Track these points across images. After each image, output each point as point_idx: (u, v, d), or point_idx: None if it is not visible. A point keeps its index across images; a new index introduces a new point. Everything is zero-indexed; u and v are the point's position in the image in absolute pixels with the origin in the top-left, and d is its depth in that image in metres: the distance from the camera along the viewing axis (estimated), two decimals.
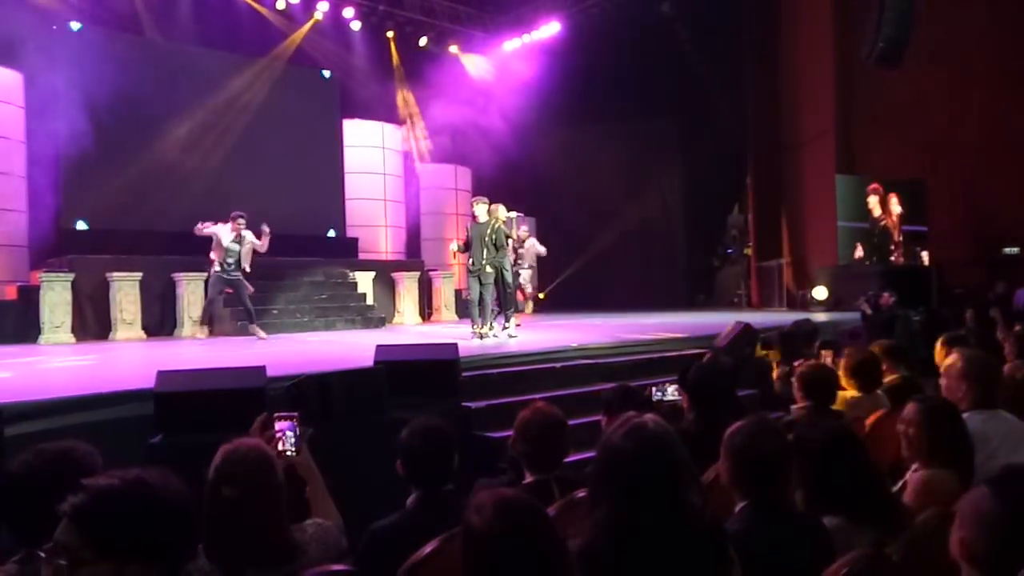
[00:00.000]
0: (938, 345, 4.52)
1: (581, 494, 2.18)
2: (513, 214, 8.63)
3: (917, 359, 5.56)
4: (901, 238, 13.98)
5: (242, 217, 8.96)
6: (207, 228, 8.93)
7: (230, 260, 8.81)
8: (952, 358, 3.03)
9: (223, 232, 8.86)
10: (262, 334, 8.85)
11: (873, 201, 13.70)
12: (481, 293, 8.18)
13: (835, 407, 3.48)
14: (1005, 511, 1.34)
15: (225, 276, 8.81)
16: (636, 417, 1.57)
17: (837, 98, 13.98)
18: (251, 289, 8.99)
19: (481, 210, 8.23)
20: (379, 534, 2.23)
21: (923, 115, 12.82)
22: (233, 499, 1.83)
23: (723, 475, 2.09)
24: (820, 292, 13.28)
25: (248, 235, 8.98)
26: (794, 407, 3.45)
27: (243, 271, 8.90)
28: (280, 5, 13.00)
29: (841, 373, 3.93)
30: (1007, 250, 12.87)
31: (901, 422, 2.52)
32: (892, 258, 13.89)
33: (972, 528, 1.38)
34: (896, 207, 13.80)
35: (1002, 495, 1.36)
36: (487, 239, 8.14)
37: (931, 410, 2.48)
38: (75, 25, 10.91)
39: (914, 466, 2.48)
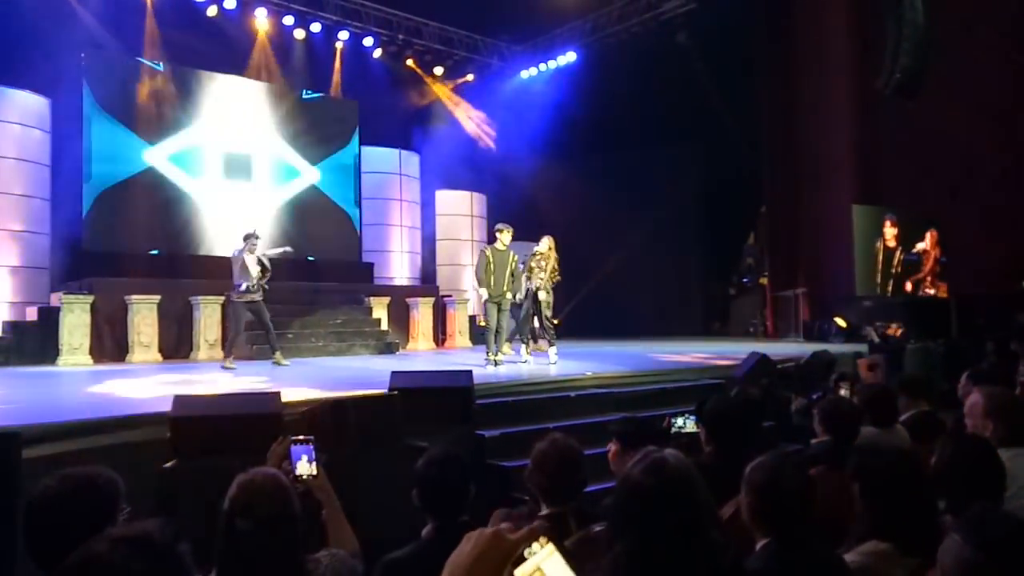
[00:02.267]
0: (963, 380, 4.45)
1: (598, 528, 2.14)
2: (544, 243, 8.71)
3: (937, 392, 5.47)
4: (931, 269, 13.92)
5: (254, 237, 8.58)
6: (237, 266, 8.40)
7: (252, 285, 8.40)
8: (974, 396, 2.99)
9: (245, 258, 8.43)
10: (284, 362, 8.54)
11: (890, 233, 13.63)
12: (498, 320, 8.19)
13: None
14: (984, 557, 1.29)
15: (247, 301, 8.40)
16: (656, 452, 1.54)
17: (855, 128, 13.96)
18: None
19: (506, 237, 8.26)
20: (393, 566, 2.20)
21: (943, 146, 12.76)
22: (248, 532, 1.80)
23: (744, 511, 2.05)
24: (839, 323, 13.17)
25: (264, 256, 8.63)
26: (814, 441, 3.40)
27: (264, 291, 8.54)
28: (300, 35, 13.24)
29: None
30: None
31: (936, 454, 2.46)
32: (919, 290, 13.83)
33: None
34: (928, 239, 13.81)
35: (976, 541, 1.31)
36: (512, 266, 8.20)
37: (965, 447, 2.42)
38: (102, 51, 11.16)
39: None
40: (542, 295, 8.42)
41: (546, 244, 8.57)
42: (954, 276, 13.57)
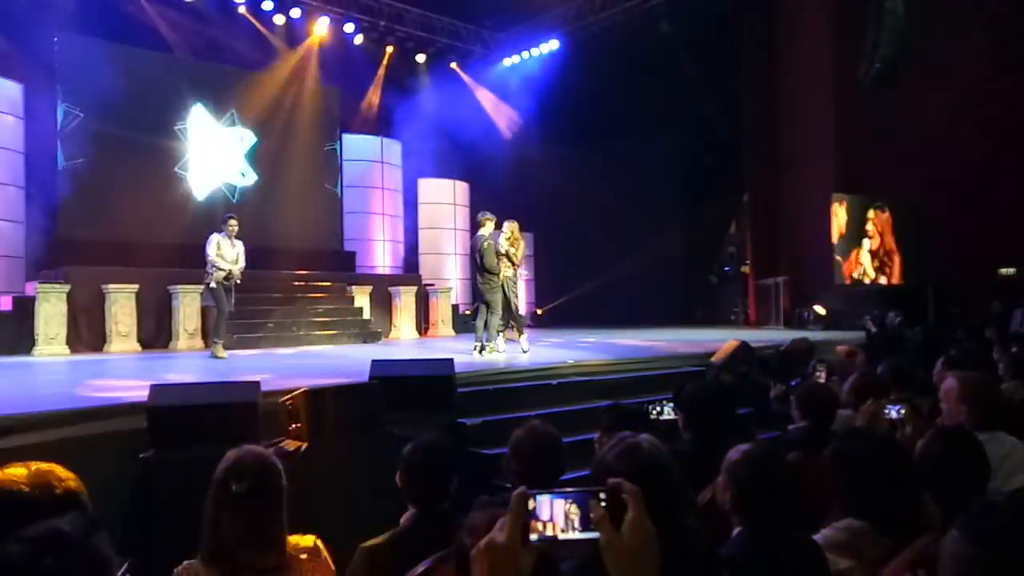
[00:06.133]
0: (938, 366, 4.51)
1: None
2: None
3: (914, 379, 5.55)
4: (894, 257, 14.06)
5: (232, 218, 8.46)
6: (211, 255, 8.17)
7: (228, 271, 8.25)
8: (948, 382, 3.02)
9: (222, 241, 8.30)
10: (223, 354, 8.17)
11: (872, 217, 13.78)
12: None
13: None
14: (982, 553, 1.28)
15: (227, 284, 8.23)
16: (630, 437, 1.55)
17: (835, 117, 14.05)
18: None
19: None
20: (372, 552, 2.20)
21: (921, 134, 12.88)
22: (241, 495, 1.84)
23: (724, 499, 2.06)
24: (819, 310, 13.31)
25: (239, 243, 8.44)
26: (791, 426, 3.43)
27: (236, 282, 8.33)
28: (279, 20, 13.08)
29: (846, 391, 3.90)
30: (1003, 270, 12.89)
31: (920, 445, 2.48)
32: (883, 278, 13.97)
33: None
34: (874, 226, 13.92)
35: (975, 538, 1.31)
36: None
37: (949, 436, 2.44)
38: (76, 36, 10.94)
39: None
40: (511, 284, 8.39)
41: (513, 229, 8.46)
42: (931, 264, 13.73)
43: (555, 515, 0.94)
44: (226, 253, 8.29)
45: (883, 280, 13.98)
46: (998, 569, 1.21)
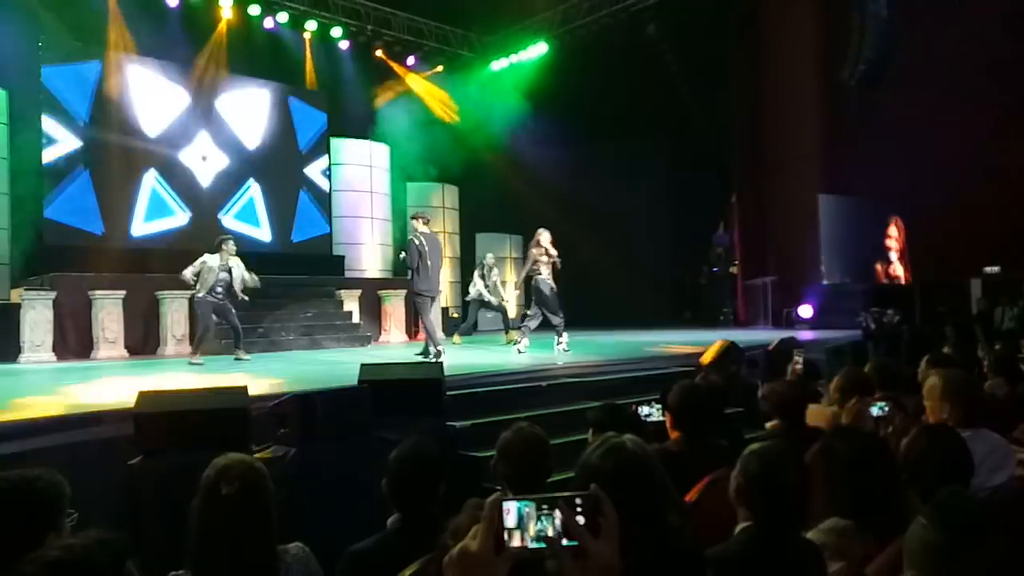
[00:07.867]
0: (923, 364, 4.54)
1: None
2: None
3: (901, 377, 5.59)
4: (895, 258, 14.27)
5: (228, 241, 8.56)
6: (188, 272, 8.34)
7: (219, 289, 8.32)
8: (932, 379, 3.05)
9: (210, 260, 8.36)
10: (245, 356, 8.54)
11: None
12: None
13: (818, 423, 3.47)
14: (949, 540, 1.30)
15: (213, 300, 8.33)
16: (614, 437, 1.56)
17: (821, 118, 14.14)
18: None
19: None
20: (358, 556, 2.20)
21: (906, 136, 12.98)
22: (231, 498, 1.83)
23: (732, 492, 2.06)
24: (805, 310, 13.39)
25: (237, 262, 8.54)
26: (768, 424, 3.44)
27: (232, 299, 8.46)
28: (268, 24, 13.04)
29: (832, 389, 3.94)
30: (987, 269, 13.02)
31: (905, 443, 2.50)
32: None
33: (921, 562, 1.33)
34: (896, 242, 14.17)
35: (942, 525, 1.32)
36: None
37: (933, 433, 2.47)
38: (59, 40, 10.87)
39: None
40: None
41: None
42: (917, 263, 13.86)
43: (526, 522, 0.91)
44: (209, 273, 8.30)
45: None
46: (964, 553, 1.24)
